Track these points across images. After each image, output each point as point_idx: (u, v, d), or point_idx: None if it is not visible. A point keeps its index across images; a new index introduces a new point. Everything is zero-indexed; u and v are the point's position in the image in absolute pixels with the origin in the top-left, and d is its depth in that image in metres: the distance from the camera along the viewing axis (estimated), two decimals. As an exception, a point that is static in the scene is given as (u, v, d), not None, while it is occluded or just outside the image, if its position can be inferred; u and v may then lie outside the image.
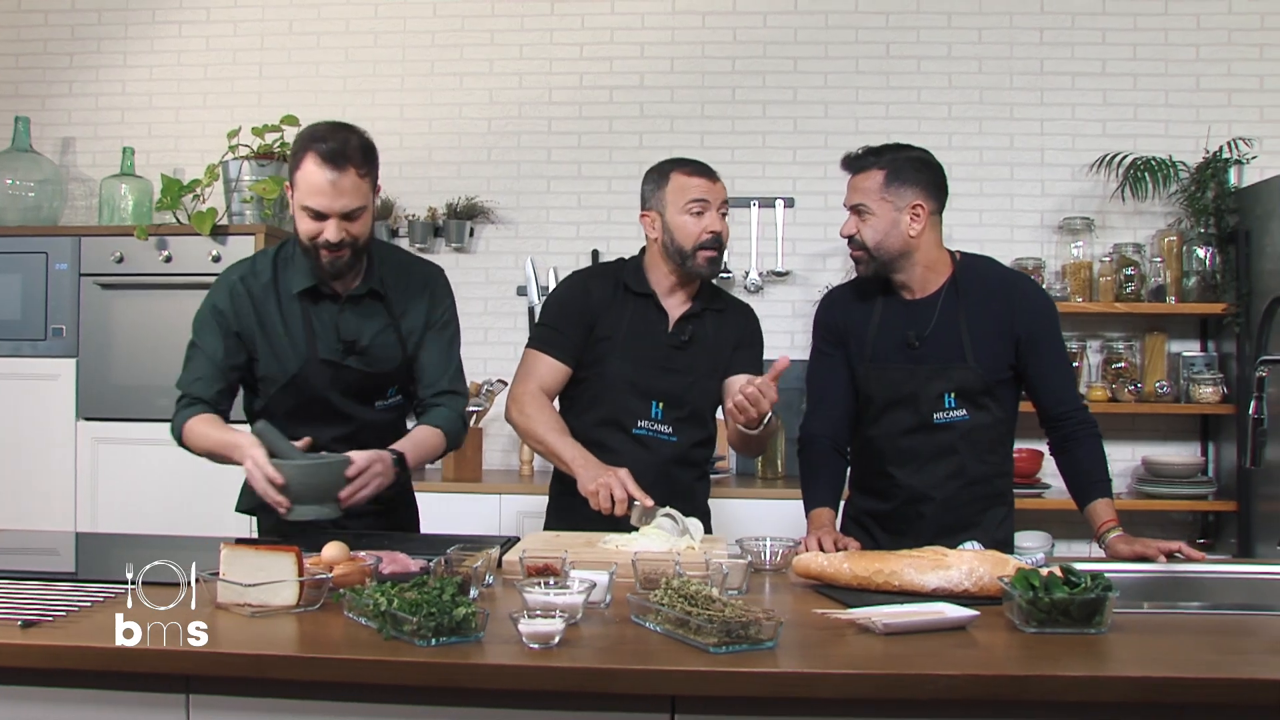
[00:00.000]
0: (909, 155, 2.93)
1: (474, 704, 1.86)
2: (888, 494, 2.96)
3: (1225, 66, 4.98)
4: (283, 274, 2.86)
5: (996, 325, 2.89)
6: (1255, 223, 4.60)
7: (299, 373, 2.83)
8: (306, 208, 2.71)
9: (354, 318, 2.88)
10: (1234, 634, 2.14)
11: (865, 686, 1.79)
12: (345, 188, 2.68)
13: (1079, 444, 2.90)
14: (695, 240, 3.01)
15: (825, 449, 3.00)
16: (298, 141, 2.74)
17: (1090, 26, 5.02)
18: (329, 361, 2.83)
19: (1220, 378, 4.72)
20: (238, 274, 2.87)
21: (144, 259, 4.61)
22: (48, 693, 1.92)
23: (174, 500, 4.48)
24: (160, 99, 5.27)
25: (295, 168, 2.71)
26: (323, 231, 2.71)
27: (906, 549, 2.47)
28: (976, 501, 2.92)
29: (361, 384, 2.89)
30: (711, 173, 3.08)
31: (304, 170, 2.69)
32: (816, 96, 5.12)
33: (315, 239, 2.73)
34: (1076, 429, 2.90)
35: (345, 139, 2.70)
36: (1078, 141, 4.97)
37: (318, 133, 2.71)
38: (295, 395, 2.85)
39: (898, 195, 2.86)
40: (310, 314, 2.84)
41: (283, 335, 2.82)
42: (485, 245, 5.19)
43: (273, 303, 2.84)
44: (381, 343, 2.90)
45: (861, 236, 2.89)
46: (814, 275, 5.09)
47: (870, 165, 2.91)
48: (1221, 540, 4.82)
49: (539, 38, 5.19)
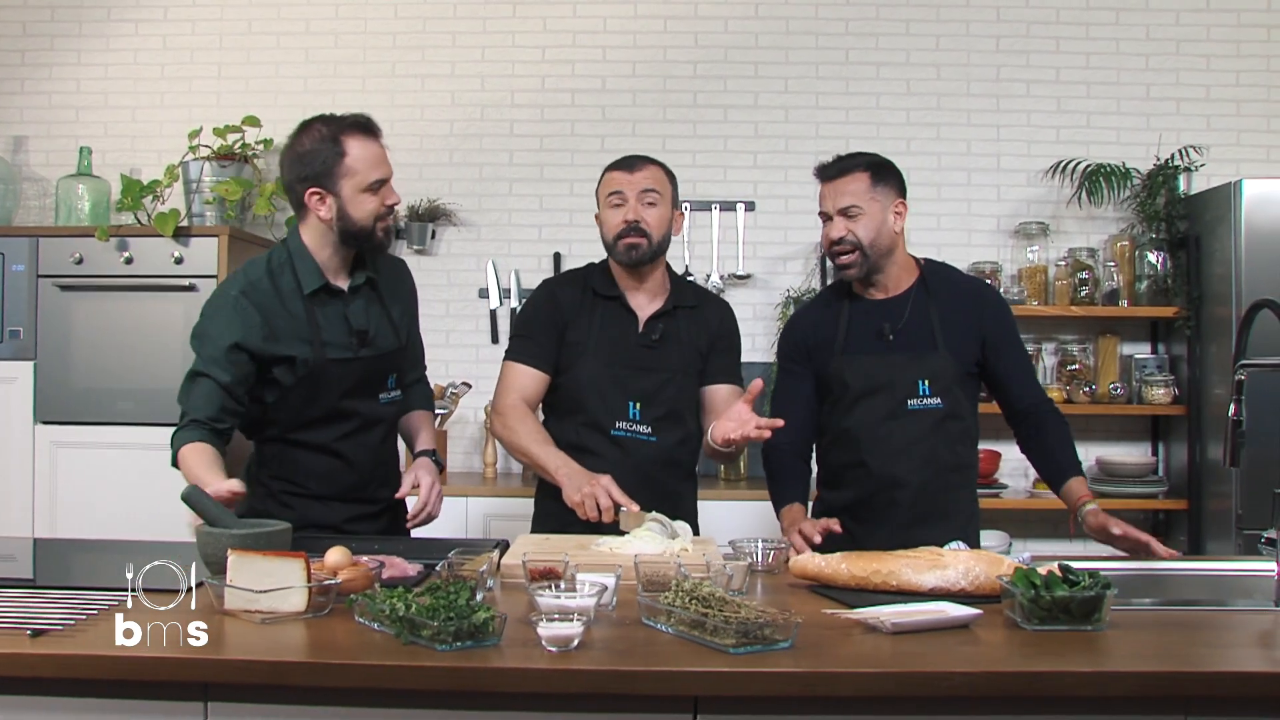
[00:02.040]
0: (880, 159, 3.07)
1: (496, 708, 1.88)
2: (860, 483, 3.01)
3: (1174, 76, 5.11)
4: (280, 280, 2.84)
5: (964, 324, 3.01)
6: (1204, 228, 4.73)
7: (309, 374, 2.82)
8: (372, 184, 2.79)
9: (360, 308, 2.92)
10: (1220, 629, 2.21)
11: (885, 684, 1.83)
12: (385, 152, 2.87)
13: (1048, 432, 3.00)
14: (614, 232, 3.09)
15: (788, 455, 3.08)
16: (318, 142, 2.78)
17: (1045, 35, 5.12)
18: (337, 359, 2.84)
19: (1171, 379, 4.84)
20: (236, 288, 2.81)
21: (104, 260, 4.54)
22: (61, 703, 1.91)
23: (134, 505, 4.42)
24: (116, 98, 5.18)
25: (337, 159, 2.76)
26: (387, 198, 2.83)
27: (880, 540, 2.59)
28: (949, 490, 3.00)
29: (368, 374, 2.91)
30: (633, 165, 3.16)
31: (353, 154, 2.77)
32: (777, 101, 5.17)
33: (380, 212, 2.82)
34: (1044, 419, 3.01)
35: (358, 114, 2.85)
36: (1033, 148, 5.07)
37: (333, 119, 2.81)
38: (304, 396, 2.84)
39: (884, 194, 2.99)
40: (316, 314, 2.84)
41: (292, 339, 2.80)
42: (447, 247, 5.18)
43: (278, 309, 2.81)
44: (383, 329, 2.96)
45: (855, 236, 2.97)
46: (774, 278, 5.14)
47: (853, 168, 3.01)
48: (1171, 538, 4.93)
49: (501, 40, 5.19)
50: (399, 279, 3.09)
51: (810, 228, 5.06)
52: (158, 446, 4.40)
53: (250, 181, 4.76)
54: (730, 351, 3.23)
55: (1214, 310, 4.65)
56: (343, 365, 2.85)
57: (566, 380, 3.12)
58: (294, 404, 2.85)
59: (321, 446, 2.91)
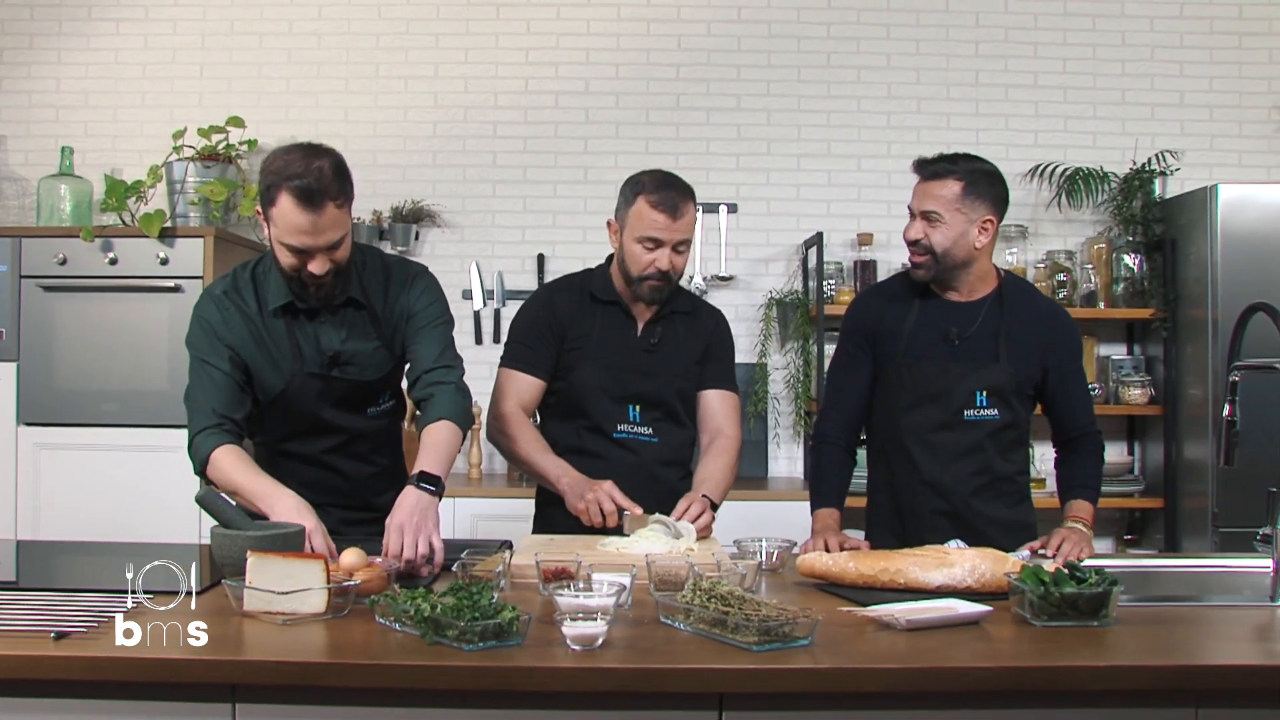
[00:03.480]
0: (984, 168, 2.99)
1: (523, 706, 1.90)
2: (912, 490, 3.02)
3: (1149, 81, 5.20)
4: (261, 289, 2.81)
5: (1032, 347, 3.00)
6: (1179, 232, 4.82)
7: (287, 388, 2.79)
8: (288, 245, 2.63)
9: (334, 329, 2.82)
10: (1220, 624, 2.27)
11: (907, 680, 1.87)
12: (325, 225, 2.60)
13: (1082, 456, 3.08)
14: (641, 271, 3.04)
15: (839, 453, 3.09)
16: (268, 174, 2.61)
17: (1023, 40, 5.20)
18: (316, 375, 2.81)
19: (1148, 380, 4.93)
20: (220, 289, 2.80)
21: (88, 261, 4.51)
22: (89, 705, 1.91)
23: (119, 506, 4.42)
24: (97, 97, 5.15)
25: (270, 203, 2.61)
26: (306, 265, 2.65)
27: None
28: (1000, 498, 3.02)
29: (350, 394, 2.87)
30: (676, 208, 3.00)
31: (280, 209, 2.59)
32: (759, 104, 5.21)
33: (299, 271, 2.67)
34: (1087, 446, 3.08)
35: (319, 172, 2.57)
36: (1011, 151, 5.13)
37: (291, 167, 2.57)
38: (285, 409, 2.82)
39: (972, 208, 2.92)
40: (293, 328, 2.80)
41: (271, 350, 2.78)
42: (430, 249, 5.18)
43: (258, 318, 2.79)
44: (366, 351, 2.86)
45: (929, 241, 2.93)
46: (757, 280, 5.19)
47: (947, 174, 2.94)
48: (1148, 535, 5.04)
49: (484, 42, 5.20)
50: (402, 289, 2.91)
51: (791, 229, 5.15)
52: (142, 448, 4.47)
53: (235, 182, 4.75)
54: (724, 359, 3.27)
55: (1190, 312, 4.74)
56: (321, 381, 2.81)
57: (567, 385, 3.13)
58: (276, 415, 2.84)
59: (309, 458, 2.89)
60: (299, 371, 2.79)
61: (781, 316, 5.16)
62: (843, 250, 5.11)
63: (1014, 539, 2.90)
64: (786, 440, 5.20)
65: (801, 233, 5.14)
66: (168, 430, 4.35)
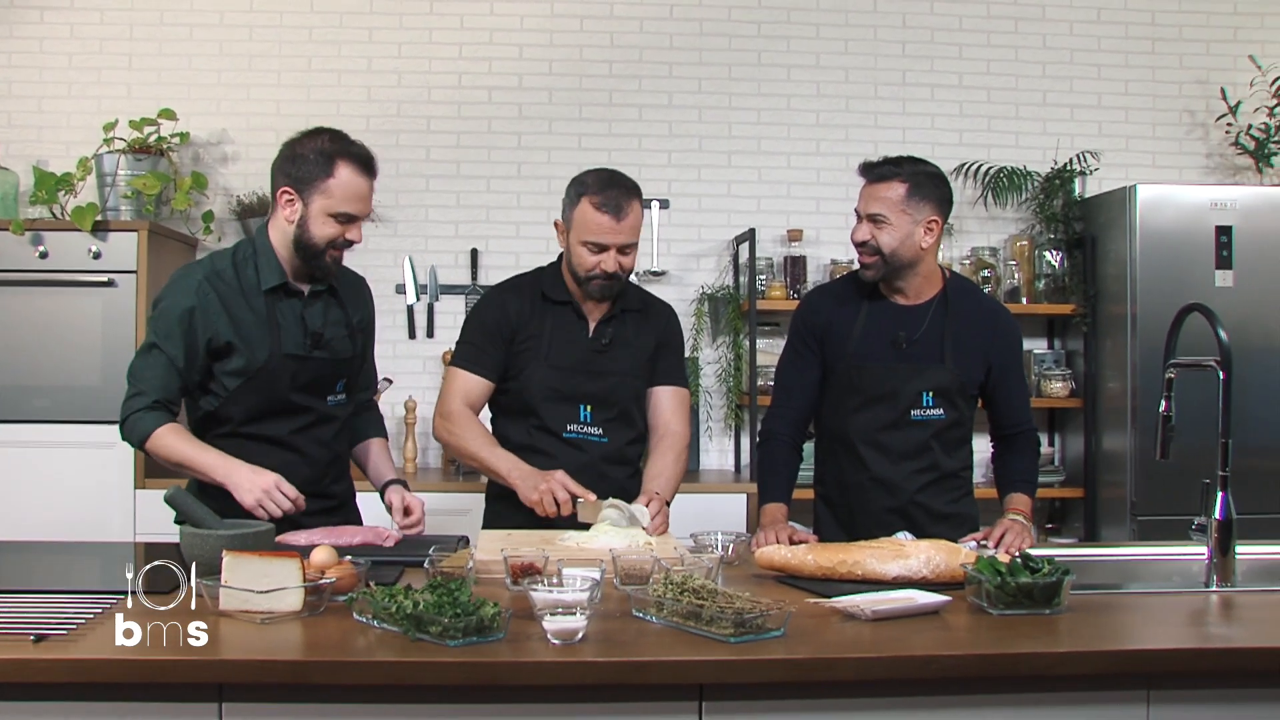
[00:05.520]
0: (928, 170, 3.05)
1: (506, 700, 1.94)
2: (860, 488, 3.11)
3: (1069, 84, 5.37)
4: (244, 273, 2.91)
5: (975, 348, 3.09)
6: (1099, 230, 4.99)
7: (264, 366, 2.87)
8: (340, 214, 2.86)
9: (317, 312, 2.97)
10: (1164, 610, 2.40)
11: (878, 669, 1.95)
12: (371, 194, 2.96)
13: (1019, 453, 3.18)
14: (586, 272, 3.09)
15: (785, 447, 3.18)
16: (321, 149, 2.85)
17: (948, 42, 5.33)
18: (293, 355, 2.90)
19: (1068, 373, 5.10)
20: (201, 273, 2.88)
21: (17, 254, 4.43)
22: (72, 707, 1.91)
23: (52, 505, 4.36)
24: (21, 87, 5.05)
25: (326, 174, 2.83)
26: (344, 233, 2.89)
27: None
28: (945, 494, 3.12)
29: (319, 375, 2.97)
30: (620, 209, 3.03)
31: (340, 177, 2.85)
32: (691, 101, 5.28)
33: (337, 240, 2.88)
34: (1022, 442, 3.19)
35: (365, 148, 2.94)
36: (937, 150, 5.22)
37: (347, 140, 2.91)
38: (257, 390, 2.89)
39: (917, 209, 2.99)
40: (275, 311, 2.90)
41: (251, 331, 2.87)
42: (364, 243, 5.08)
43: (239, 301, 2.88)
44: (340, 335, 3.01)
45: (877, 243, 3.00)
46: (689, 275, 5.26)
47: (892, 176, 3.01)
48: (1068, 525, 5.20)
49: (418, 36, 5.19)
50: (359, 293, 3.16)
51: (722, 225, 5.23)
52: (75, 444, 4.42)
53: (167, 175, 4.69)
54: (675, 355, 3.32)
55: (1109, 308, 4.91)
56: (297, 362, 2.91)
57: (518, 384, 3.16)
58: (248, 397, 2.90)
59: (275, 439, 2.94)
60: (277, 351, 2.88)
61: (713, 311, 5.24)
62: (773, 246, 5.21)
63: (957, 531, 2.99)
64: (719, 433, 5.29)
65: (732, 229, 5.22)
66: (101, 426, 4.33)
